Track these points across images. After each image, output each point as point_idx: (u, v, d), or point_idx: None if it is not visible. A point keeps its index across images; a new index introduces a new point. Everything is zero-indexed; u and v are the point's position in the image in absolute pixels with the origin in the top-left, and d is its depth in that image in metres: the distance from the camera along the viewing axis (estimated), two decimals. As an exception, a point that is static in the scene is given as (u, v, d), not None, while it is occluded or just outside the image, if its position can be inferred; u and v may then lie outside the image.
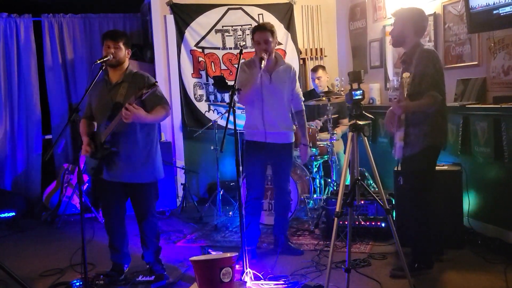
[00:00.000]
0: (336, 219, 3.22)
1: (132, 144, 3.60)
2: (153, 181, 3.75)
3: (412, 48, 3.52)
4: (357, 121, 3.30)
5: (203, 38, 6.23)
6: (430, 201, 3.60)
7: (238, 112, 4.90)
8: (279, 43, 6.40)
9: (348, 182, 3.64)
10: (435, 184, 3.69)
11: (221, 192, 5.54)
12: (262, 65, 3.85)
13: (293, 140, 4.25)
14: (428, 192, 3.61)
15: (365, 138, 3.30)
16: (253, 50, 6.41)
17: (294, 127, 4.29)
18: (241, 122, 5.87)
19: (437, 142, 3.55)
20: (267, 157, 4.19)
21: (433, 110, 3.44)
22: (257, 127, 4.09)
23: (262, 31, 3.98)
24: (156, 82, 3.42)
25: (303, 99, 4.30)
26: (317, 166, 5.43)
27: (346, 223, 4.01)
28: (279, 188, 4.29)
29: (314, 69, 5.83)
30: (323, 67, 5.88)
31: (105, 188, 3.70)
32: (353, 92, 3.31)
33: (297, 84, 4.25)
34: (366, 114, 3.37)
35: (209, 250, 4.38)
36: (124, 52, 3.62)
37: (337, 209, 3.22)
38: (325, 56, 6.72)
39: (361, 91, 3.34)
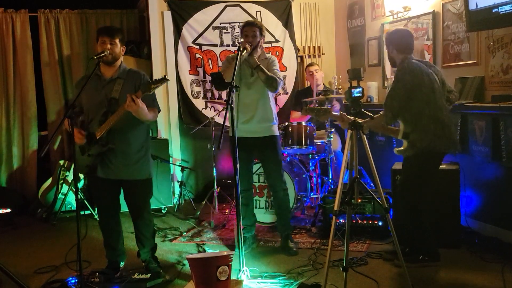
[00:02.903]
0: (334, 217, 3.21)
1: (128, 141, 3.56)
2: (148, 177, 3.72)
3: (400, 63, 3.72)
4: (356, 119, 3.28)
5: (200, 35, 6.20)
6: (420, 203, 3.70)
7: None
8: (277, 40, 6.39)
9: (345, 180, 3.62)
10: (429, 188, 3.76)
11: (218, 190, 5.52)
12: (244, 53, 3.87)
13: (277, 133, 4.22)
14: (418, 194, 3.69)
15: (364, 136, 3.28)
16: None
17: (276, 121, 4.25)
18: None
19: (425, 144, 3.55)
20: (250, 152, 4.17)
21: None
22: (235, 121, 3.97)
23: (251, 26, 4.14)
24: (166, 75, 3.36)
25: (281, 79, 4.09)
26: (314, 164, 5.41)
27: (343, 221, 4.00)
28: (271, 186, 4.32)
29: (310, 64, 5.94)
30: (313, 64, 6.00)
31: (99, 186, 3.67)
32: (352, 90, 3.29)
33: (273, 68, 4.10)
34: (366, 112, 3.36)
35: (205, 248, 4.37)
36: (119, 49, 3.58)
37: (335, 208, 3.20)
38: (323, 54, 6.69)
39: (361, 89, 3.32)
